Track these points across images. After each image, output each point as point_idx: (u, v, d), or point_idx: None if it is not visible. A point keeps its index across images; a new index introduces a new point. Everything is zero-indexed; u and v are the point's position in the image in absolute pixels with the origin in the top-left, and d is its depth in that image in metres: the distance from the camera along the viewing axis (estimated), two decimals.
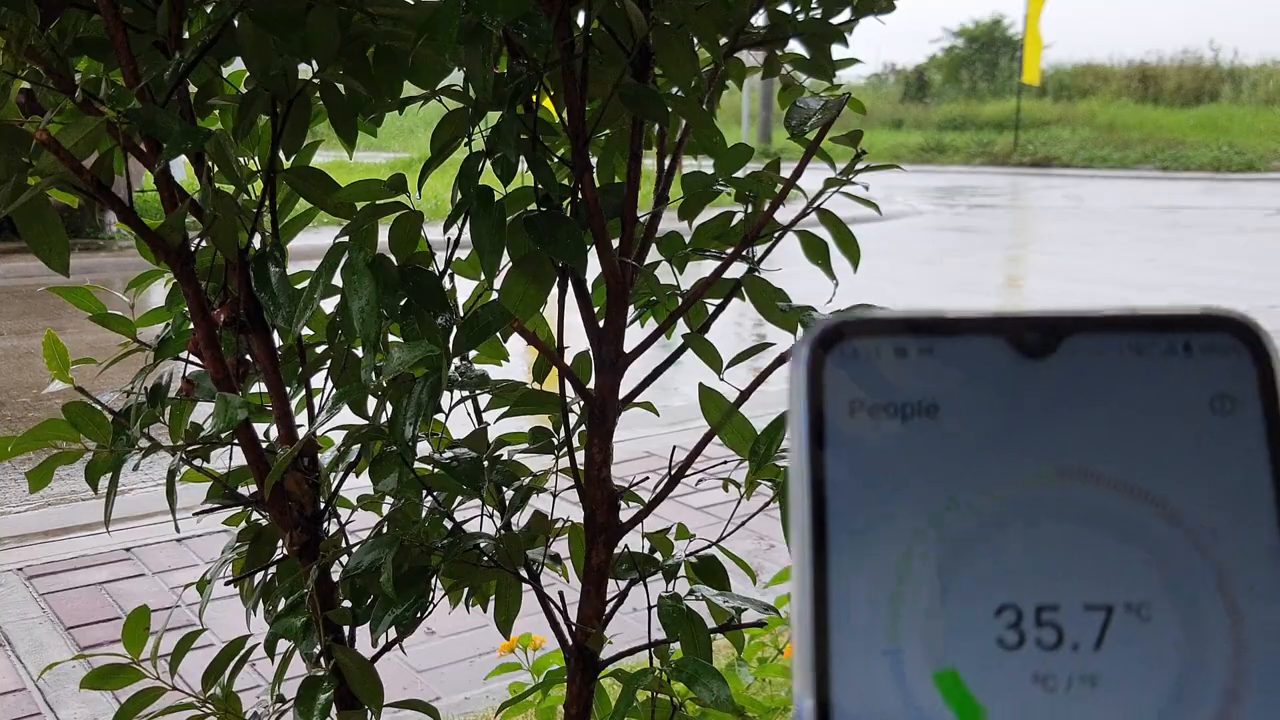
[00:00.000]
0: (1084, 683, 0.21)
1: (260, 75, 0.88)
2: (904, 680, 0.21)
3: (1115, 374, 0.23)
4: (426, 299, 0.88)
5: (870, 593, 0.22)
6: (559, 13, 0.85)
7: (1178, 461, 0.22)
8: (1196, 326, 0.23)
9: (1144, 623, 0.21)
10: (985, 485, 0.22)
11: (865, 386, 0.23)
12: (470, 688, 2.14)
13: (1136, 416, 0.23)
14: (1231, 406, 0.23)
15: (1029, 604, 0.22)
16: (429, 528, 0.99)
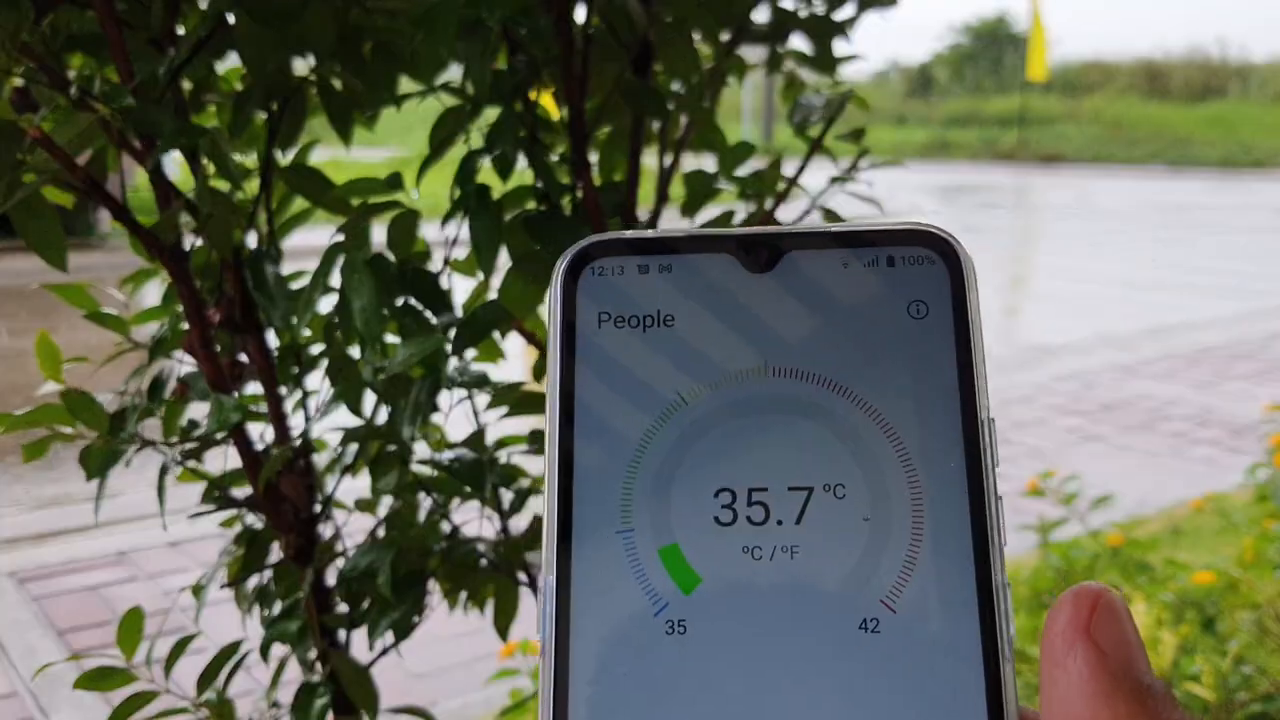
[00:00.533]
0: (785, 553, 0.25)
1: (256, 71, 0.87)
2: (634, 556, 0.24)
3: (826, 284, 0.26)
4: (426, 298, 0.87)
5: (606, 482, 0.25)
6: (558, 8, 0.83)
7: (875, 359, 0.25)
8: (899, 241, 0.26)
9: (839, 500, 0.25)
10: (709, 385, 0.26)
11: (610, 300, 0.26)
12: (468, 692, 2.13)
13: (842, 321, 0.26)
14: (926, 311, 0.26)
15: (742, 487, 0.25)
16: (426, 531, 0.97)
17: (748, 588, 0.24)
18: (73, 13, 0.89)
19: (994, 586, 0.24)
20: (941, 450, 0.25)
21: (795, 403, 0.25)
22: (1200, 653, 1.80)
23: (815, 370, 0.25)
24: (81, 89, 0.85)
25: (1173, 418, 4.25)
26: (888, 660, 0.24)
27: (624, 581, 0.24)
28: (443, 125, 0.88)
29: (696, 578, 0.24)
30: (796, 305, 0.26)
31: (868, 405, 0.25)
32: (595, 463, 0.25)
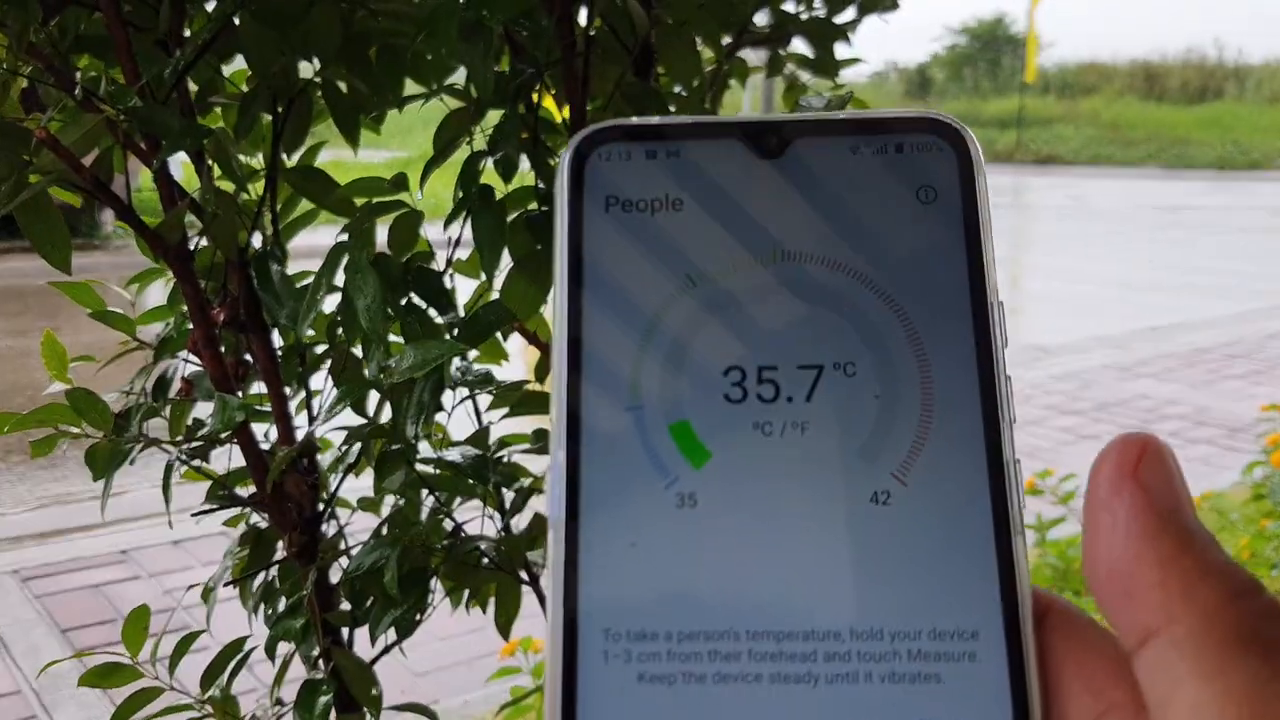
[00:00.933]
0: (795, 428, 0.25)
1: (261, 73, 0.87)
2: (643, 431, 0.25)
3: (836, 170, 0.26)
4: (430, 297, 0.88)
5: (617, 360, 0.25)
6: (560, 10, 0.84)
7: (885, 243, 0.26)
8: (908, 128, 0.26)
9: (849, 379, 0.25)
10: (718, 267, 0.26)
11: (618, 185, 0.26)
12: (470, 690, 2.14)
13: (852, 206, 0.26)
14: (934, 196, 0.26)
15: (752, 365, 0.25)
16: (429, 529, 0.98)
17: (758, 462, 0.24)
18: (80, 14, 0.89)
19: (1004, 461, 0.24)
20: (951, 330, 0.25)
21: (804, 285, 0.25)
22: None
23: (824, 253, 0.25)
24: (88, 90, 0.86)
25: (1169, 417, 4.26)
26: (899, 532, 0.24)
27: (634, 456, 0.24)
28: (447, 127, 0.88)
29: (706, 453, 0.24)
30: (805, 190, 0.26)
31: (877, 287, 0.25)
32: (604, 342, 0.25)
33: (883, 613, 0.23)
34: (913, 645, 0.23)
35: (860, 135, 0.26)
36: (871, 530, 0.24)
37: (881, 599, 0.23)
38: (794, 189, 0.26)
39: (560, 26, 0.84)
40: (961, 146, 0.26)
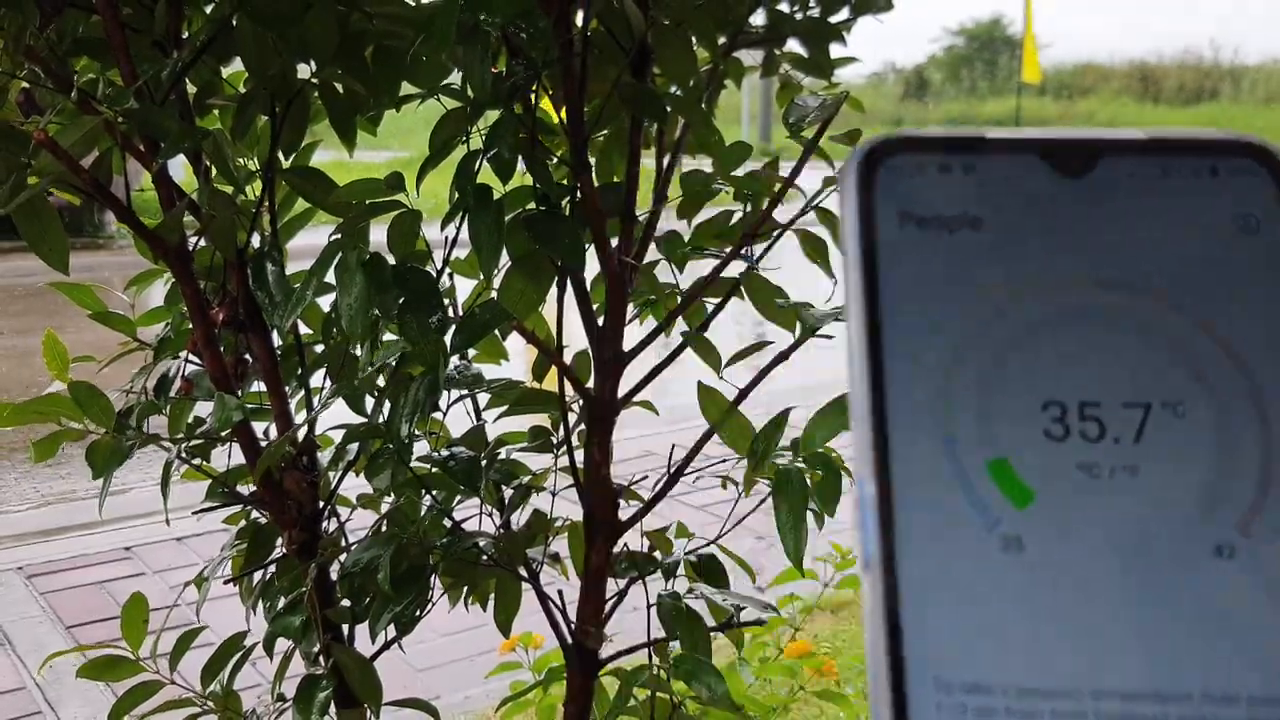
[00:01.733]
0: (1125, 472, 0.22)
1: (259, 75, 0.88)
2: (959, 467, 0.22)
3: (1146, 193, 0.24)
4: (420, 297, 0.88)
5: (925, 387, 0.23)
6: (557, 12, 0.85)
7: (1206, 272, 0.24)
8: (1221, 151, 0.24)
9: (1179, 419, 0.23)
10: (1028, 292, 0.23)
11: (911, 199, 0.24)
12: (470, 686, 2.15)
13: (1168, 232, 0.24)
14: (1256, 225, 0.24)
15: (1073, 400, 0.23)
16: (428, 526, 0.99)
17: (1087, 507, 0.22)
18: (78, 16, 0.90)
19: None
20: None
21: (1122, 314, 0.23)
22: None
23: (1139, 281, 0.23)
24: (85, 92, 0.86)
25: None
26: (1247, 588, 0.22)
27: (952, 493, 0.22)
28: (443, 128, 0.89)
29: (1030, 493, 0.22)
30: (1115, 212, 0.24)
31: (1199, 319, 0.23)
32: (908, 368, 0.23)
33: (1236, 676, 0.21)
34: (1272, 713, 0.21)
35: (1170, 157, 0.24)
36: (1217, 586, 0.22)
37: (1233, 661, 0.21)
38: (1103, 211, 0.24)
39: (557, 27, 0.85)
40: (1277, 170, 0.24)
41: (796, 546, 0.84)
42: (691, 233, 1.00)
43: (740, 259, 0.97)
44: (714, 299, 1.00)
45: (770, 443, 0.89)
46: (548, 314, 0.97)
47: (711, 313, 1.01)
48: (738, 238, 0.97)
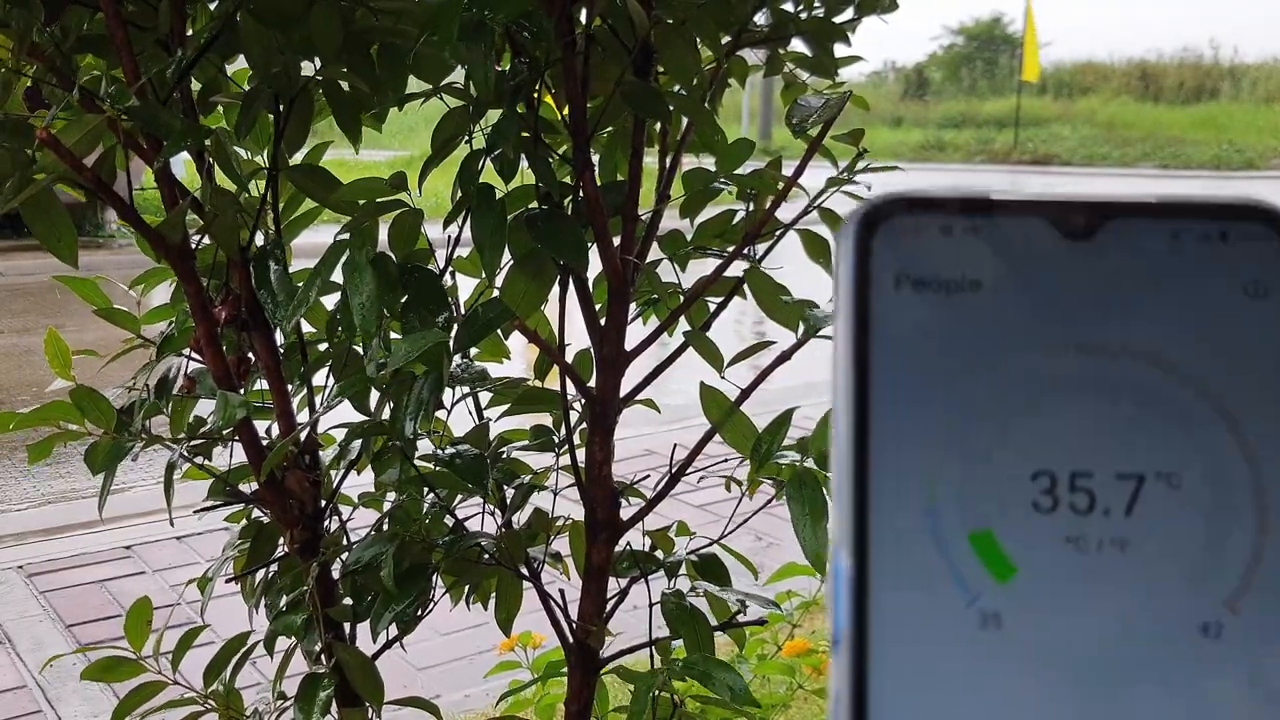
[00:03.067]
0: (1114, 545, 0.22)
1: (263, 72, 0.88)
2: (940, 539, 0.22)
3: (1153, 257, 0.23)
4: (426, 296, 0.89)
5: (910, 456, 0.22)
6: (560, 10, 0.85)
7: (1212, 342, 0.23)
8: (1232, 215, 0.24)
9: (1173, 490, 0.22)
10: (1025, 358, 0.23)
11: (910, 261, 0.24)
12: (471, 685, 2.15)
13: (1173, 298, 0.23)
14: (1265, 291, 0.23)
15: (1063, 470, 0.22)
16: (430, 525, 0.99)
17: (1071, 581, 0.22)
18: (82, 14, 0.90)
19: None
20: None
21: (1121, 382, 0.23)
22: None
23: (1141, 348, 0.23)
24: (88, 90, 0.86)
25: None
26: (1232, 668, 0.21)
27: (931, 567, 0.22)
28: (446, 126, 0.89)
29: (1012, 567, 0.22)
30: (1120, 277, 0.23)
31: (1203, 388, 0.23)
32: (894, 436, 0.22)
33: None
34: None
35: (1179, 220, 0.24)
36: (1200, 667, 0.21)
37: None
38: (1107, 275, 0.23)
39: (560, 26, 0.85)
40: None
41: (816, 548, 0.83)
42: (694, 232, 1.00)
43: (742, 258, 0.97)
44: (716, 298, 1.00)
45: (773, 443, 0.89)
46: (550, 313, 0.97)
47: (714, 312, 1.01)
48: (740, 237, 0.97)
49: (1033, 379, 0.23)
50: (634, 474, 1.05)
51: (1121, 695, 0.21)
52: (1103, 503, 0.22)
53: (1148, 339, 0.23)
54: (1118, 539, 0.22)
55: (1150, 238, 0.24)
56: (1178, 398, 0.23)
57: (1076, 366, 0.23)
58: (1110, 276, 0.23)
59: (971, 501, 0.22)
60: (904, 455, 0.22)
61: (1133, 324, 0.23)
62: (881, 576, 0.22)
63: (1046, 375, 0.23)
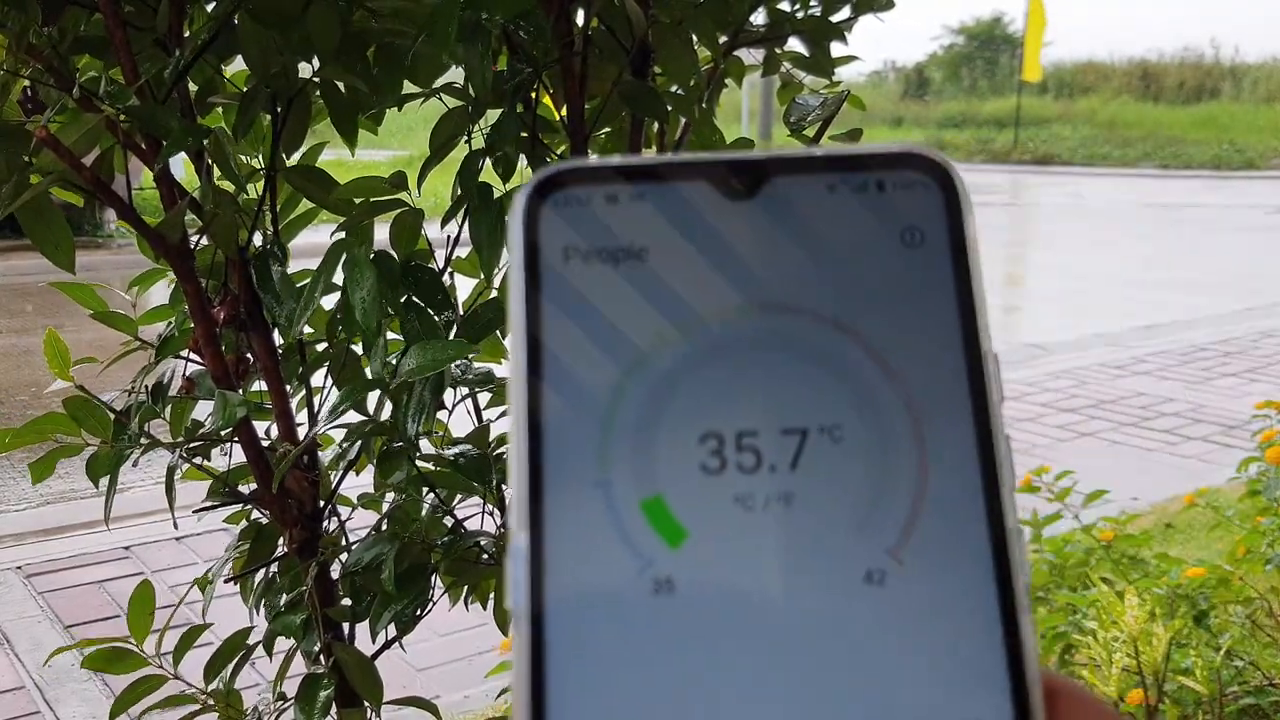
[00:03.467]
0: (780, 501, 0.22)
1: (261, 73, 0.88)
2: (614, 509, 0.22)
3: (813, 212, 0.24)
4: (428, 295, 0.89)
5: (581, 429, 0.23)
6: (558, 10, 0.85)
7: (870, 292, 0.23)
8: (889, 165, 0.24)
9: (836, 444, 0.23)
10: (689, 322, 0.23)
11: (578, 233, 0.24)
12: (470, 686, 2.15)
13: (832, 251, 0.24)
14: (920, 239, 0.24)
15: (730, 430, 0.23)
16: (429, 525, 0.99)
17: (740, 540, 0.22)
18: (80, 15, 0.90)
19: (1007, 531, 0.22)
20: (943, 386, 0.23)
21: (784, 339, 0.23)
22: (1192, 647, 1.82)
23: (804, 304, 0.23)
24: (87, 90, 0.86)
25: (1165, 414, 4.27)
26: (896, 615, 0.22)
27: (603, 538, 0.22)
28: (444, 126, 0.89)
29: (683, 531, 0.22)
30: (781, 234, 0.24)
31: (862, 340, 0.23)
32: (566, 411, 0.23)
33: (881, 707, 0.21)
34: None
35: (838, 173, 0.24)
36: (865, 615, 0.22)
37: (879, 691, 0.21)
38: (768, 234, 0.24)
39: (558, 26, 0.85)
40: (948, 183, 0.24)
41: None
42: None
43: None
44: None
45: None
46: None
47: None
48: None
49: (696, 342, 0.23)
50: None
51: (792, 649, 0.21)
52: (769, 460, 0.22)
53: (809, 294, 0.23)
54: (784, 494, 0.22)
55: (809, 192, 0.24)
56: (840, 351, 0.23)
57: (740, 327, 0.23)
58: (771, 234, 0.24)
59: (643, 469, 0.22)
60: (575, 429, 0.23)
61: (794, 280, 0.23)
62: (556, 551, 0.22)
63: (710, 337, 0.23)
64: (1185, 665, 1.75)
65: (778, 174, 0.24)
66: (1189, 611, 1.88)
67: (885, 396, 0.23)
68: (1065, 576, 2.17)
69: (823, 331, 0.23)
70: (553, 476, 0.22)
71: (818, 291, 0.23)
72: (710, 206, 0.24)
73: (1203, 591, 1.91)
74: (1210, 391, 4.62)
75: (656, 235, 0.24)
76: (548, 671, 0.21)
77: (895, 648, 0.22)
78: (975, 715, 0.21)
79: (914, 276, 0.23)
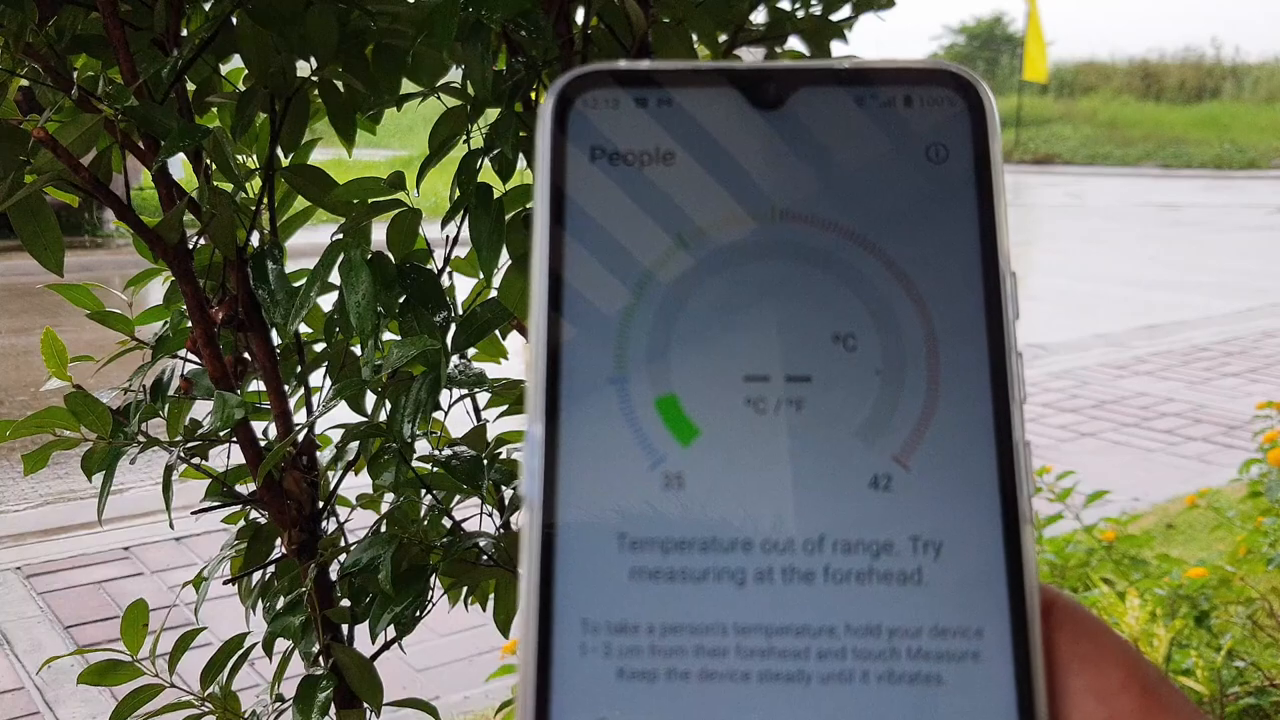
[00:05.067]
0: (791, 405, 0.23)
1: (259, 73, 0.88)
2: (628, 406, 0.23)
3: (839, 124, 0.24)
4: (424, 296, 0.88)
5: (599, 327, 0.23)
6: (558, 9, 0.84)
7: (891, 205, 0.23)
8: (919, 80, 0.24)
9: (849, 352, 0.23)
10: (710, 227, 0.23)
11: (604, 135, 0.24)
12: (469, 687, 2.14)
13: (857, 164, 0.24)
14: (946, 154, 0.24)
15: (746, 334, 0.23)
16: (428, 526, 0.98)
17: (750, 441, 0.22)
18: (77, 14, 0.90)
19: (1014, 443, 0.22)
20: (959, 301, 0.23)
21: (803, 248, 0.23)
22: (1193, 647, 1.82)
23: (825, 214, 0.23)
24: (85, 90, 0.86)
25: (1166, 414, 4.27)
26: (899, 520, 0.22)
27: (617, 433, 0.22)
28: (443, 126, 0.89)
29: (695, 430, 0.22)
30: (806, 145, 0.24)
31: (881, 252, 0.23)
32: (586, 308, 0.23)
33: (881, 608, 0.22)
34: (913, 643, 0.21)
35: (866, 87, 0.24)
36: (870, 518, 0.22)
37: (880, 593, 0.22)
38: (793, 143, 0.24)
39: (557, 25, 0.85)
40: (975, 102, 0.24)
41: None
42: None
43: None
44: None
45: None
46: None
47: None
48: None
49: (716, 246, 0.23)
50: None
51: (796, 550, 0.22)
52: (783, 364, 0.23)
53: (832, 205, 0.23)
54: (795, 398, 0.23)
55: (837, 104, 0.24)
56: (858, 262, 0.23)
57: (762, 234, 0.23)
58: (798, 144, 0.24)
59: (659, 369, 0.23)
60: (593, 327, 0.23)
61: (818, 190, 0.24)
62: (570, 443, 0.22)
63: (729, 242, 0.23)
64: (1186, 666, 1.75)
65: (806, 84, 0.24)
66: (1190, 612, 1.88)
67: (900, 307, 0.23)
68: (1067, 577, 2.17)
69: (841, 242, 0.23)
70: (569, 372, 0.23)
71: (838, 202, 0.23)
72: (738, 114, 0.24)
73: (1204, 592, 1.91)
74: (1212, 392, 4.61)
75: (683, 139, 0.24)
76: (556, 563, 0.22)
77: (898, 552, 0.22)
78: (974, 622, 0.22)
79: (936, 192, 0.24)
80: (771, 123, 0.24)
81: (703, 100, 0.24)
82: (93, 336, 0.99)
